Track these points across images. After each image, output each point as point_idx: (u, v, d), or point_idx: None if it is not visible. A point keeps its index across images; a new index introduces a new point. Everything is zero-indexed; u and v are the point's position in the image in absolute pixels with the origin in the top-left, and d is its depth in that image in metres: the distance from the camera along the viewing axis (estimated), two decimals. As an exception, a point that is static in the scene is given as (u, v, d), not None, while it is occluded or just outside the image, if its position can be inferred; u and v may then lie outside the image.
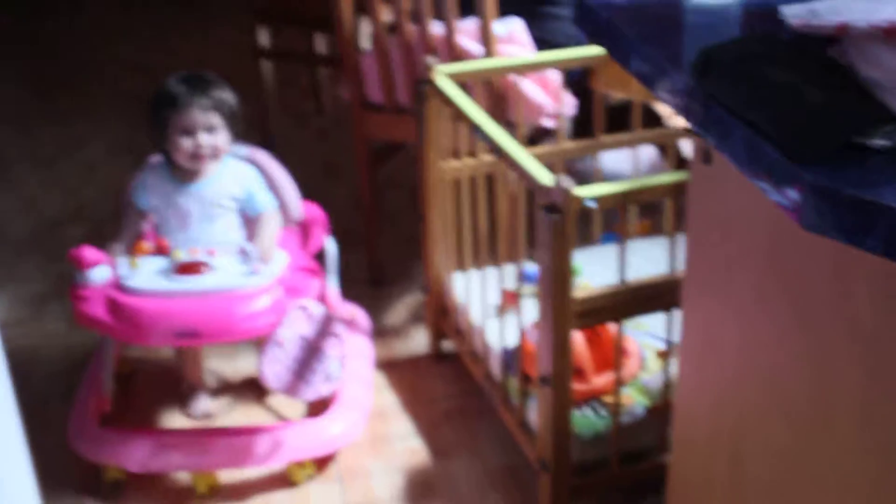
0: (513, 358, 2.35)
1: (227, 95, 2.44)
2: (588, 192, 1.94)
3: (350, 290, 2.95)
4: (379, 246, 3.17)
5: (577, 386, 2.23)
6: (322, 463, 2.47)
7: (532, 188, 2.05)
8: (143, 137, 2.72)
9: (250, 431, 2.39)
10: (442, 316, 2.76)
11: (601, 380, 2.26)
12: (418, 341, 2.92)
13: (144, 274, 2.35)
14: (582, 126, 2.97)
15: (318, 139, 4.22)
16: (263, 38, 4.10)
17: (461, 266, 2.63)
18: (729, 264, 1.44)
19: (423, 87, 2.54)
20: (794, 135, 1.04)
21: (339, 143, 4.10)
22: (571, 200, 1.92)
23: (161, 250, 2.41)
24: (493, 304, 2.53)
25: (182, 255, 2.36)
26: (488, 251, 2.52)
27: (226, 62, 4.97)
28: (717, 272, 1.48)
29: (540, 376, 2.09)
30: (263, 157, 2.58)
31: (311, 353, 2.35)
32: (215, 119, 2.40)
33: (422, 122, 2.57)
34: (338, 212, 3.54)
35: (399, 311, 3.06)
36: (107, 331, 2.35)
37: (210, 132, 2.39)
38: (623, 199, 1.98)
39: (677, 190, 1.98)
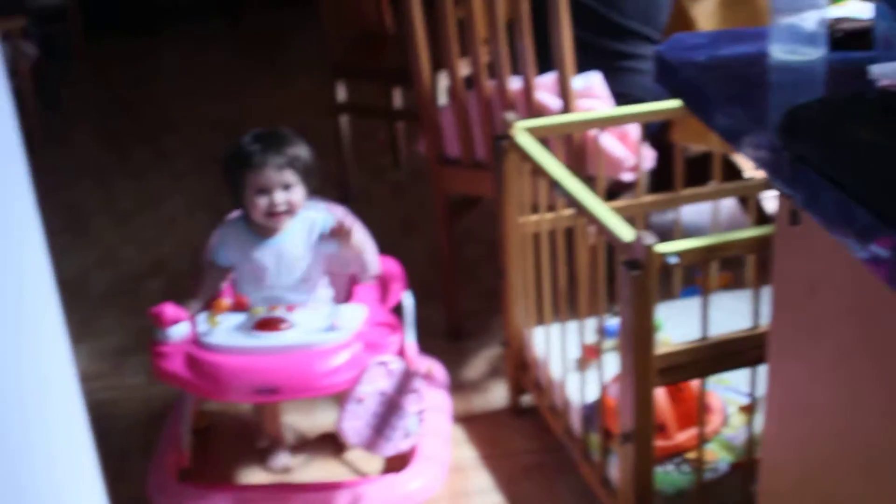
0: (593, 413, 2.33)
1: (302, 151, 2.44)
2: (670, 248, 1.94)
3: (428, 344, 2.96)
4: (457, 300, 3.17)
5: (660, 442, 2.21)
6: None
7: (613, 243, 2.05)
8: (221, 194, 2.75)
9: (330, 487, 2.41)
10: (521, 370, 2.76)
11: (684, 436, 2.24)
12: (497, 395, 2.91)
13: (223, 330, 2.36)
14: (660, 179, 2.96)
15: (396, 194, 4.26)
16: (341, 93, 4.15)
17: (541, 320, 2.63)
18: (814, 322, 1.42)
19: (501, 142, 2.55)
20: (887, 196, 1.03)
21: (416, 198, 4.13)
22: (653, 256, 1.91)
23: (239, 306, 2.42)
24: (574, 359, 2.52)
25: (261, 312, 2.38)
26: (568, 305, 2.52)
27: (303, 117, 5.04)
28: (801, 330, 1.47)
29: (621, 433, 2.08)
30: (341, 212, 2.60)
31: (390, 409, 2.34)
32: (290, 176, 2.40)
33: (500, 177, 2.58)
34: (415, 266, 3.56)
35: (478, 364, 3.06)
36: (186, 387, 2.36)
37: (286, 189, 2.39)
38: (706, 255, 1.97)
39: (760, 244, 1.97)
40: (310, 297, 2.48)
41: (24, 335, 1.46)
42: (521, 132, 2.52)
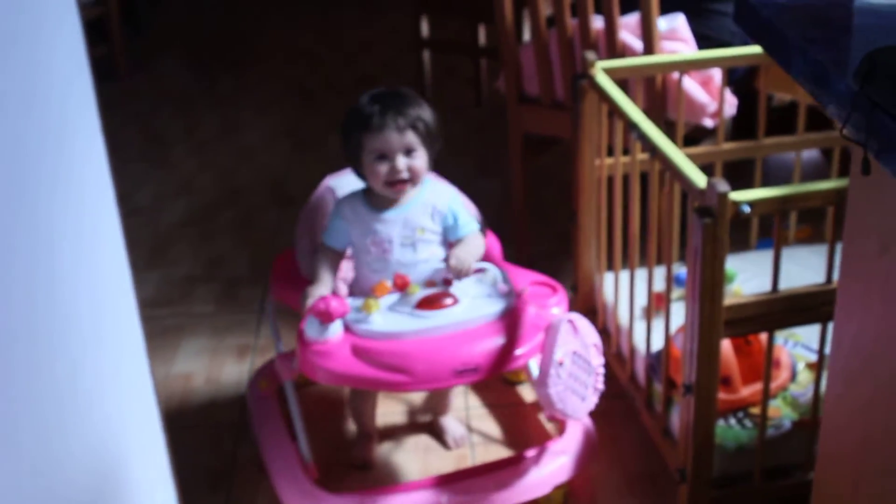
0: (658, 362, 2.29)
1: (425, 112, 2.23)
2: (743, 197, 1.88)
3: None
4: (529, 242, 3.14)
5: (724, 396, 2.16)
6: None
7: (686, 189, 1.99)
8: (302, 125, 2.71)
9: (506, 464, 2.28)
10: (590, 315, 2.71)
11: (749, 390, 2.19)
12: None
13: (382, 316, 2.14)
14: (744, 127, 2.88)
15: (475, 132, 4.21)
16: (425, 28, 4.11)
17: (612, 266, 2.58)
18: (885, 280, 1.36)
19: (580, 81, 2.49)
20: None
21: (495, 137, 4.08)
22: (726, 204, 1.86)
23: (402, 287, 2.18)
24: (642, 307, 2.48)
25: (417, 290, 2.18)
26: (640, 252, 2.47)
27: (387, 51, 5.02)
28: (871, 288, 1.41)
29: (684, 383, 2.03)
30: (472, 210, 2.41)
31: (583, 369, 2.18)
32: (413, 139, 2.19)
33: (577, 116, 2.53)
34: (489, 206, 3.53)
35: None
36: (371, 385, 2.12)
37: (407, 154, 2.19)
38: (780, 205, 1.91)
39: (839, 197, 1.90)
40: (438, 268, 2.26)
41: (83, 257, 1.47)
42: (601, 72, 2.46)
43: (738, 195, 1.87)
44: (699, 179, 1.94)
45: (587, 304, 2.72)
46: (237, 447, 2.53)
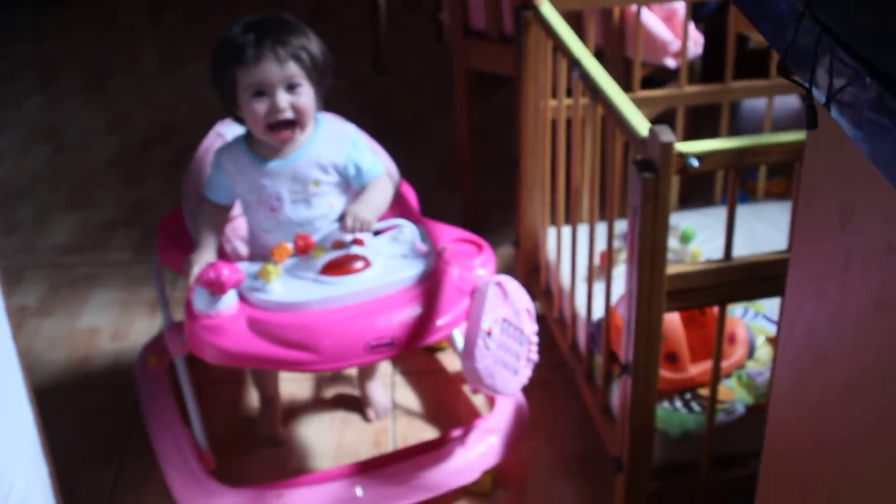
0: (599, 332, 2.03)
1: (311, 43, 1.91)
2: (691, 148, 1.60)
3: None
4: (475, 190, 2.85)
5: (669, 374, 1.90)
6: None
7: (628, 139, 1.72)
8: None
9: (423, 450, 2.01)
10: (534, 274, 2.45)
11: (698, 369, 1.93)
12: (508, 298, 2.61)
13: (283, 284, 1.84)
14: (715, 70, 2.60)
15: (434, 70, 3.91)
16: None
17: (556, 220, 2.31)
18: (845, 258, 1.09)
19: (524, 12, 2.21)
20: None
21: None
22: (670, 157, 1.58)
23: (305, 249, 1.88)
24: (586, 267, 2.20)
25: (322, 253, 1.88)
26: (586, 205, 2.19)
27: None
28: (829, 264, 1.14)
29: (619, 363, 1.77)
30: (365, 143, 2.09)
31: (514, 338, 1.91)
32: (295, 71, 1.87)
33: (521, 52, 2.25)
34: (442, 149, 3.25)
35: (492, 261, 2.76)
36: (273, 364, 1.83)
37: (290, 91, 1.88)
38: (736, 159, 1.63)
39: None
40: (334, 223, 1.96)
41: None
42: (546, 2, 2.17)
43: (685, 146, 1.60)
44: (641, 127, 1.66)
45: (530, 261, 2.45)
46: (138, 413, 2.27)
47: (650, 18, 2.40)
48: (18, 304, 2.65)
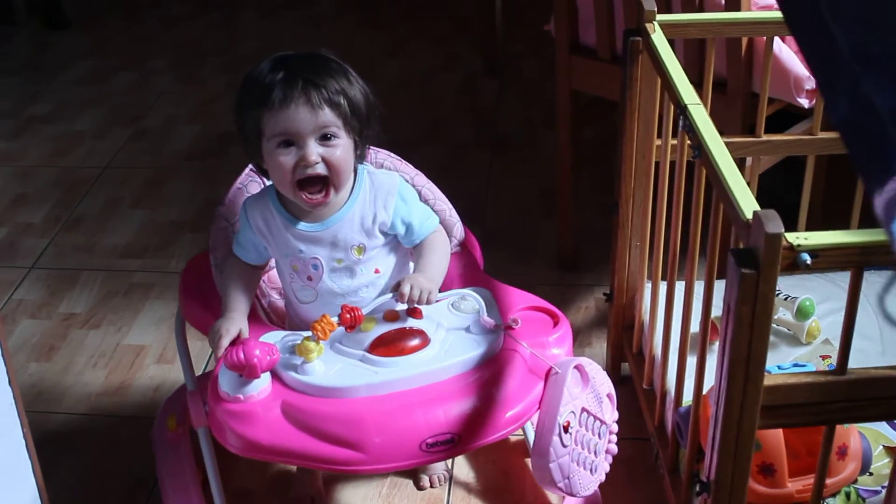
0: (685, 423, 1.73)
1: (352, 86, 1.63)
2: (805, 240, 1.29)
3: (534, 273, 2.46)
4: (571, 222, 2.54)
5: (762, 489, 1.60)
6: None
7: (729, 216, 1.41)
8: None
9: None
10: (628, 332, 2.16)
11: (799, 484, 1.62)
12: (598, 352, 2.32)
13: (328, 364, 1.57)
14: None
15: (553, 76, 3.60)
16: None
17: (653, 276, 2.00)
18: None
19: (633, 38, 1.91)
20: None
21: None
22: (776, 250, 1.27)
23: (353, 322, 1.59)
24: (689, 335, 1.86)
25: (373, 325, 1.61)
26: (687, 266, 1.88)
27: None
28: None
29: (699, 478, 1.48)
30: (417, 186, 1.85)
31: (593, 430, 1.66)
32: (331, 119, 1.59)
33: (627, 82, 1.95)
34: (546, 169, 2.95)
35: (585, 306, 2.46)
36: (309, 462, 1.54)
37: (324, 141, 1.60)
38: (860, 258, 1.31)
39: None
40: (385, 292, 1.69)
41: None
42: (658, 29, 1.86)
43: (797, 238, 1.28)
44: (745, 206, 1.35)
45: (625, 316, 2.16)
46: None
47: (783, 49, 2.07)
48: (66, 311, 2.47)
